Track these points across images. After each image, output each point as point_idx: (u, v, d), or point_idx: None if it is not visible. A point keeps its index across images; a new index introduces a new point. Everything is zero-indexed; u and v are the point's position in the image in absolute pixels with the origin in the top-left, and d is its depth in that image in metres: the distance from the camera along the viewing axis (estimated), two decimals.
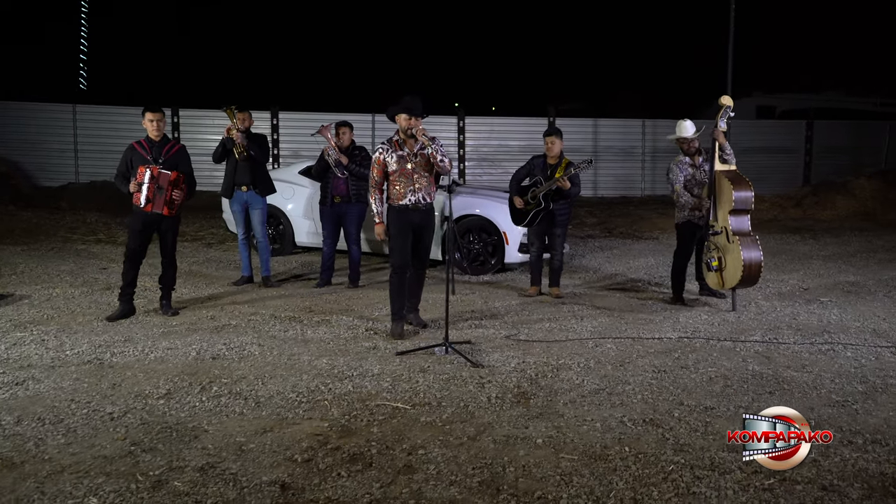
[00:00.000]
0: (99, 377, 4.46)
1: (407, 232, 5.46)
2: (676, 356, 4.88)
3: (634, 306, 6.52)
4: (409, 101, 5.39)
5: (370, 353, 4.96)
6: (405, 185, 5.42)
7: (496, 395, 4.13)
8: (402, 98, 5.45)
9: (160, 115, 6.04)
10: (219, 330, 5.61)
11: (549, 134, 7.02)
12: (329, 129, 7.34)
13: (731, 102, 6.37)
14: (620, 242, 10.80)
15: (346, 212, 7.38)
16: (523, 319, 5.99)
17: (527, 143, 16.57)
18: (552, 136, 6.99)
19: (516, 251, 8.19)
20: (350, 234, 7.45)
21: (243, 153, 7.24)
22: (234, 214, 7.58)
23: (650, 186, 17.17)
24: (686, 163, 6.62)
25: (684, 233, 6.62)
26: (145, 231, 6.04)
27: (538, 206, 6.86)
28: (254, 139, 7.36)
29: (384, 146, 5.50)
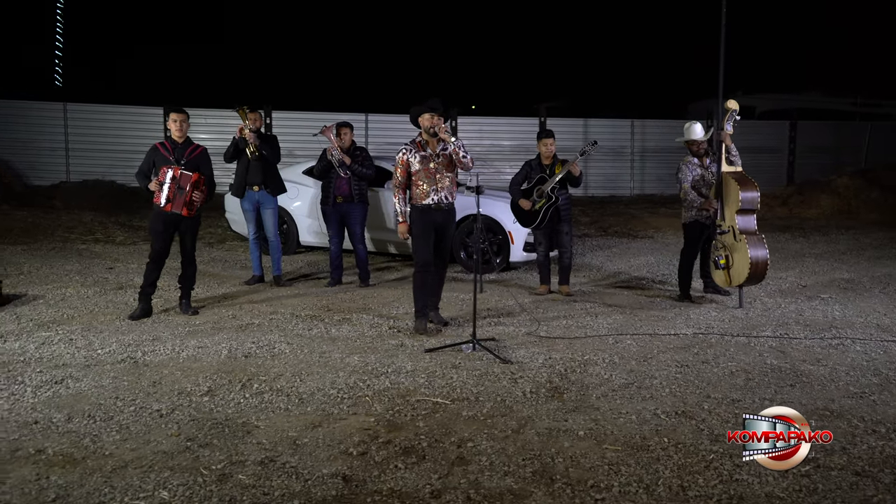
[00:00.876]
0: (137, 375, 4.53)
1: (429, 231, 5.59)
2: (695, 351, 5.06)
3: (644, 304, 6.71)
4: (432, 101, 5.55)
5: (399, 351, 5.08)
6: (428, 185, 5.55)
7: (530, 390, 4.27)
8: (425, 100, 5.60)
9: (184, 115, 6.11)
10: (243, 329, 5.69)
11: (545, 136, 7.19)
12: (331, 130, 7.44)
13: (737, 106, 6.58)
14: (617, 241, 11.01)
15: (350, 211, 7.48)
16: (539, 317, 6.14)
17: (518, 142, 16.77)
18: (547, 139, 7.16)
19: (521, 250, 8.35)
20: (355, 234, 7.55)
21: (256, 153, 7.30)
22: (246, 214, 7.65)
23: (639, 186, 17.47)
24: (695, 163, 6.82)
25: (692, 232, 6.83)
26: (167, 231, 6.09)
27: (548, 201, 7.03)
28: (265, 139, 7.44)
29: (407, 147, 5.63)
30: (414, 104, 5.70)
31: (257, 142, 7.29)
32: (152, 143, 6.24)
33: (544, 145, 7.14)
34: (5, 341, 5.27)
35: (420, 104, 5.62)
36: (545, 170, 7.15)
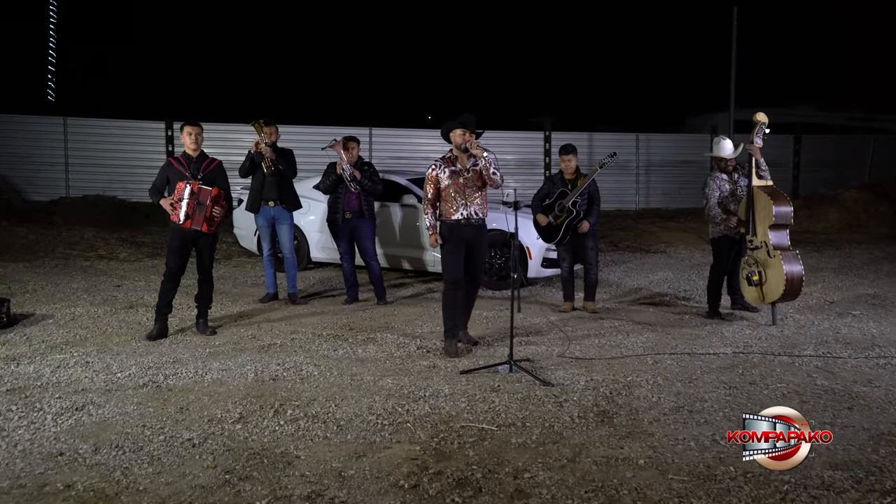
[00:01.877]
0: (162, 401, 4.31)
1: (459, 247, 5.41)
2: (740, 372, 4.88)
3: (673, 321, 6.53)
4: (464, 117, 5.41)
5: (432, 372, 4.87)
6: (457, 201, 5.38)
7: (578, 415, 4.08)
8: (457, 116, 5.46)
9: (199, 129, 5.92)
10: (266, 350, 5.47)
11: (567, 152, 7.04)
12: (340, 144, 7.26)
13: (765, 119, 6.45)
14: (630, 256, 10.86)
15: (359, 227, 7.28)
16: (570, 336, 5.95)
17: (522, 156, 16.65)
18: (570, 155, 7.01)
19: (539, 265, 8.18)
20: (367, 250, 7.35)
21: (272, 168, 7.12)
22: (261, 230, 7.45)
23: (644, 200, 17.37)
24: (723, 179, 6.67)
25: (721, 247, 6.67)
26: (184, 248, 5.89)
27: (569, 215, 6.87)
28: (281, 154, 7.26)
29: (437, 163, 5.47)
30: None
31: (273, 156, 7.11)
32: (163, 158, 6.08)
33: (565, 161, 6.99)
34: (18, 364, 5.04)
35: (452, 119, 5.47)
36: (567, 184, 7.00)
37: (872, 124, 22.82)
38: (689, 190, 17.74)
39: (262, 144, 7.11)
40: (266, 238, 7.42)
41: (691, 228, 13.63)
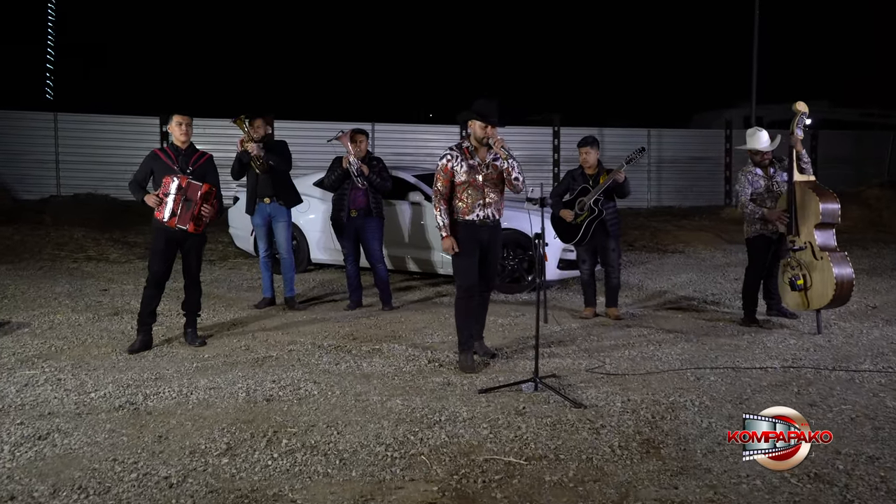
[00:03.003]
0: (139, 427, 3.75)
1: (474, 250, 4.85)
2: (795, 390, 4.32)
3: (707, 329, 5.97)
4: (484, 106, 4.78)
5: (447, 392, 4.31)
6: (474, 199, 4.82)
7: (619, 445, 3.52)
8: (475, 101, 4.84)
9: (189, 118, 5.36)
10: (260, 364, 4.92)
11: (585, 144, 6.45)
12: (347, 137, 6.71)
13: (805, 108, 5.90)
14: (648, 256, 10.29)
15: (366, 226, 6.72)
16: (596, 346, 5.39)
17: (531, 152, 16.07)
18: (588, 147, 6.43)
19: (555, 267, 7.62)
20: (373, 252, 6.79)
21: (262, 165, 6.56)
22: (257, 229, 6.89)
23: (656, 197, 16.81)
24: (757, 174, 6.11)
25: (757, 248, 6.10)
26: (169, 250, 5.33)
27: (591, 214, 6.32)
28: (272, 147, 6.67)
29: (453, 152, 4.89)
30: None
31: (261, 153, 6.52)
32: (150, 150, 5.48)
33: (585, 153, 6.42)
34: None
35: (469, 108, 4.83)
36: (588, 180, 6.44)
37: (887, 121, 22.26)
38: (701, 187, 17.21)
39: (248, 142, 6.54)
40: (262, 238, 6.87)
41: (708, 227, 13.07)
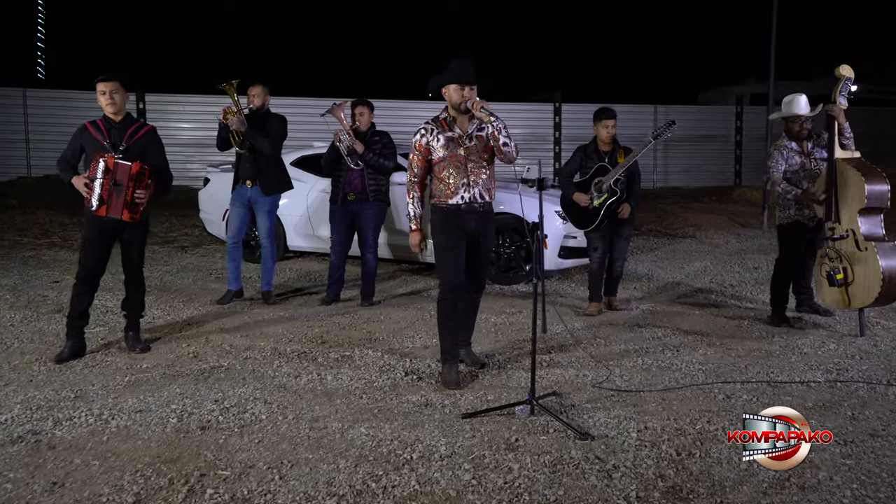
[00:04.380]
0: (32, 469, 2.99)
1: (459, 241, 4.06)
2: (849, 414, 3.55)
3: (731, 330, 5.19)
4: (459, 66, 3.99)
5: (424, 415, 3.54)
6: (456, 178, 4.02)
7: (637, 496, 2.75)
8: (447, 64, 4.05)
9: (115, 84, 4.51)
10: (206, 376, 4.15)
11: (608, 116, 5.65)
12: (342, 109, 5.88)
13: (851, 73, 5.06)
14: (657, 242, 9.50)
15: (362, 212, 5.94)
16: (603, 352, 4.62)
17: (531, 130, 15.25)
18: (608, 120, 5.62)
19: (556, 256, 6.84)
20: (366, 240, 6.01)
21: (241, 141, 5.75)
22: (231, 212, 6.04)
23: (662, 178, 16.00)
24: (792, 149, 5.29)
25: (790, 237, 5.31)
26: (102, 241, 4.54)
27: (613, 195, 5.55)
28: (262, 122, 5.80)
29: (428, 126, 4.09)
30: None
31: (242, 128, 5.69)
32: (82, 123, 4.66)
33: (604, 127, 5.61)
34: None
35: (441, 71, 4.07)
36: (604, 157, 5.64)
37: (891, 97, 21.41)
38: (711, 167, 16.37)
39: (232, 112, 5.71)
40: (235, 220, 6.04)
41: (719, 210, 12.27)
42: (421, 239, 4.16)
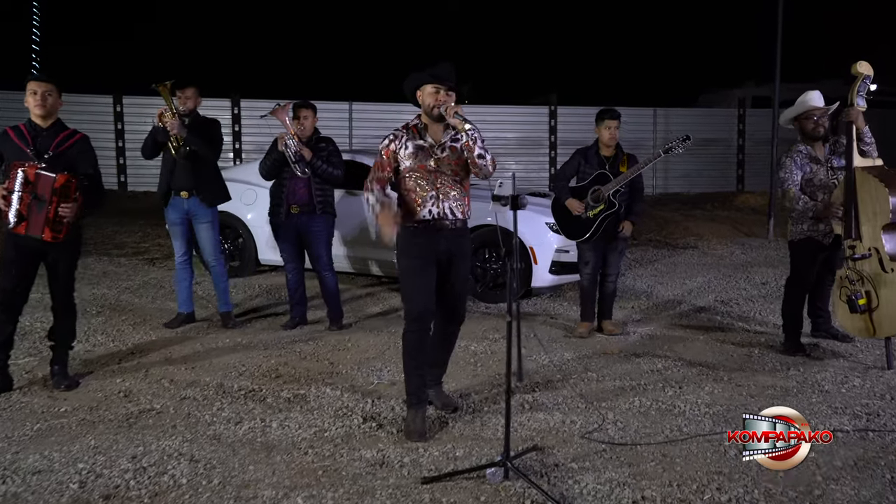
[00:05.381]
0: None
1: (427, 264, 3.48)
2: (888, 477, 2.96)
3: (739, 360, 4.62)
4: (438, 67, 3.47)
5: (377, 478, 2.96)
6: (425, 191, 3.45)
7: None
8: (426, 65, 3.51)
9: (49, 86, 3.95)
10: (131, 422, 3.57)
11: (612, 116, 5.07)
12: (286, 111, 5.29)
13: (870, 70, 4.50)
14: (656, 253, 8.92)
15: (309, 227, 5.35)
16: (595, 390, 4.04)
17: (526, 134, 14.70)
18: (614, 121, 5.06)
19: (547, 272, 6.28)
20: (319, 258, 5.42)
21: (181, 148, 5.19)
22: (171, 229, 5.50)
23: (662, 183, 15.42)
24: (807, 155, 4.72)
25: (803, 254, 4.73)
26: (22, 263, 3.96)
27: (609, 208, 4.99)
28: (197, 127, 5.29)
29: (398, 132, 3.54)
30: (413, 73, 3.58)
31: (183, 133, 5.14)
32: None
33: (607, 128, 5.05)
34: None
35: (420, 70, 3.51)
36: (605, 164, 5.08)
37: None
38: (712, 172, 15.80)
39: (168, 115, 5.16)
40: (178, 238, 5.47)
41: (722, 218, 11.70)
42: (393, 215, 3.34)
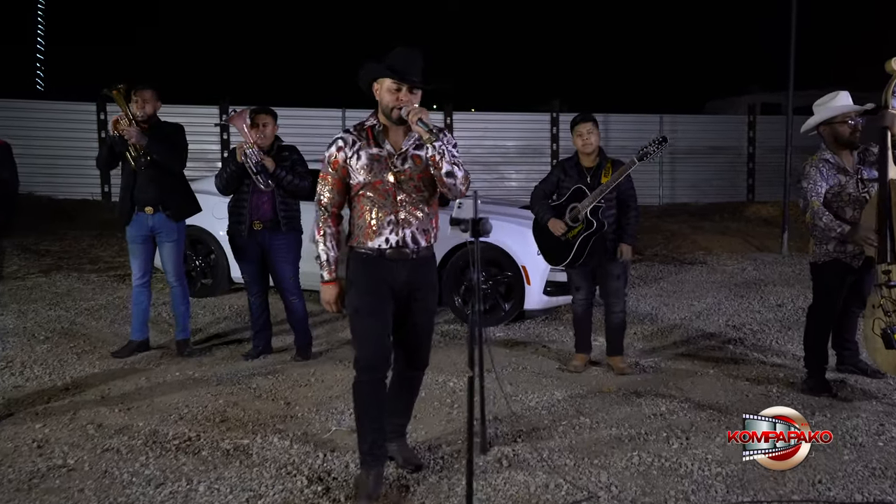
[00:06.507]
0: None
1: (382, 300, 2.90)
2: None
3: (754, 400, 4.02)
4: (400, 58, 2.86)
5: None
6: (380, 212, 2.88)
7: None
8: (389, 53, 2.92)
9: None
10: (33, 483, 3.01)
11: (584, 121, 4.48)
12: (243, 118, 4.74)
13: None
14: (662, 269, 8.33)
15: (273, 245, 4.79)
16: (586, 443, 3.46)
17: (526, 142, 14.14)
18: (587, 124, 4.47)
19: (540, 293, 5.73)
20: (284, 279, 4.84)
21: (140, 158, 4.66)
22: (131, 247, 4.95)
23: (669, 193, 14.81)
24: (831, 164, 4.13)
25: (829, 278, 4.13)
26: None
27: (587, 228, 4.41)
28: (160, 133, 4.74)
29: (347, 136, 2.95)
30: None
31: (142, 141, 4.62)
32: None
33: (578, 135, 4.48)
34: None
35: (377, 60, 2.90)
36: (586, 176, 4.51)
37: None
38: (722, 181, 15.16)
39: (124, 122, 4.65)
40: (137, 258, 4.95)
41: (732, 230, 11.07)
42: (338, 293, 3.01)
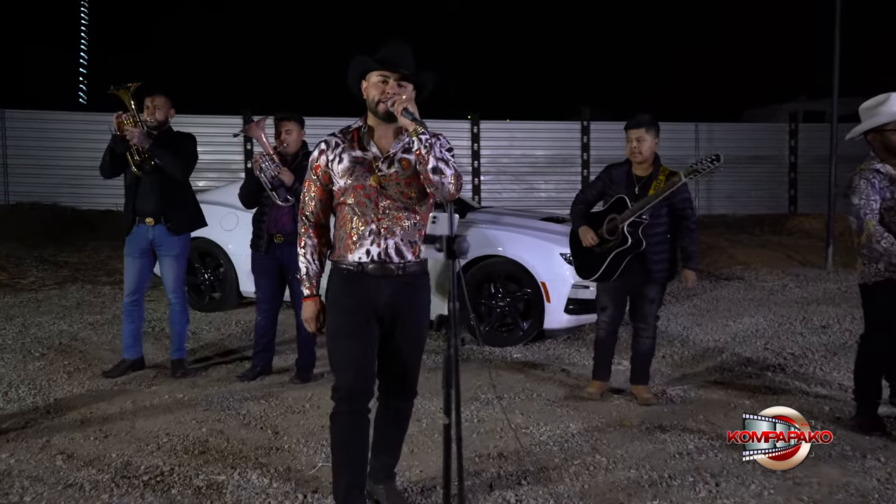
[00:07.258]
0: None
1: (363, 321, 2.57)
2: None
3: None
4: (387, 50, 2.57)
5: None
6: (362, 221, 2.55)
7: None
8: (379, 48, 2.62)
9: None
10: None
11: (638, 125, 4.06)
12: (261, 127, 4.46)
13: None
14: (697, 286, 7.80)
15: (291, 260, 4.50)
16: (602, 485, 3.06)
17: (555, 152, 13.71)
18: (636, 130, 4.05)
19: (562, 311, 5.34)
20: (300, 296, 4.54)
21: (144, 163, 4.41)
22: (127, 261, 4.67)
23: (705, 204, 14.21)
24: (882, 174, 3.67)
25: (880, 301, 3.65)
26: None
27: (621, 244, 3.98)
28: (168, 142, 4.47)
29: (331, 139, 2.65)
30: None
31: (146, 143, 4.36)
32: None
33: (628, 141, 4.07)
34: None
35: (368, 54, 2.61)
36: (635, 185, 4.08)
37: None
38: (761, 192, 14.54)
39: (128, 124, 4.38)
40: (133, 273, 4.67)
41: (772, 244, 10.50)
42: (318, 310, 2.69)
